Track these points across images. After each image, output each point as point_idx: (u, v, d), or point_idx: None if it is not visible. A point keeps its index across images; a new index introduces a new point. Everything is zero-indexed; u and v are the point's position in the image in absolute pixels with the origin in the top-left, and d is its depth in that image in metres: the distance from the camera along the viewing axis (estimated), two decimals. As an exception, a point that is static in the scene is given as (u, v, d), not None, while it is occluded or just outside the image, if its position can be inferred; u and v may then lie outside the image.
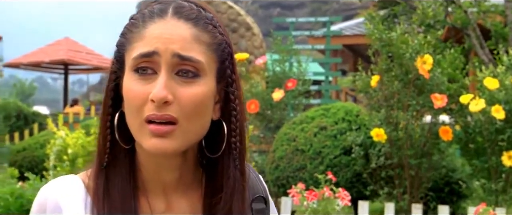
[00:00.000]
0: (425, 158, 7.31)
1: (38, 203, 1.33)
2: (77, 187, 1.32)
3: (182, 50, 1.23)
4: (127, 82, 1.25)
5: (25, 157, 10.36)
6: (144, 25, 1.26)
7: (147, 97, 1.21)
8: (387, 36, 6.97)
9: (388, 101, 7.29)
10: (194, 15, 1.27)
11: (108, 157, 1.31)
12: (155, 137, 1.21)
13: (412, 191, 7.36)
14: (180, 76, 1.23)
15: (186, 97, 1.22)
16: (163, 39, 1.23)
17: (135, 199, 1.31)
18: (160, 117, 1.21)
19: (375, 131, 6.92)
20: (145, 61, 1.23)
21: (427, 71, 6.71)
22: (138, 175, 1.33)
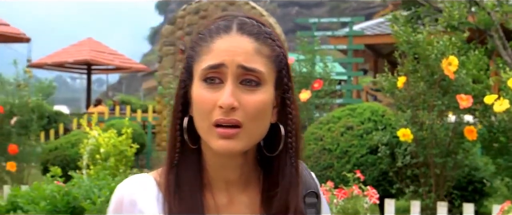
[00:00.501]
0: (449, 157, 7.47)
1: (116, 199, 1.51)
2: (149, 184, 1.50)
3: (246, 62, 1.39)
4: (197, 90, 1.42)
5: (57, 156, 10.45)
6: (212, 40, 1.43)
7: (216, 103, 1.38)
8: (414, 38, 7.14)
9: (413, 102, 7.45)
10: (255, 31, 1.44)
11: (178, 156, 1.49)
12: (222, 138, 1.38)
13: (437, 189, 7.52)
14: (244, 85, 1.40)
15: (250, 103, 1.39)
16: (229, 53, 1.40)
17: (202, 194, 1.48)
18: (227, 121, 1.37)
19: (401, 131, 7.08)
20: (213, 72, 1.40)
21: (452, 72, 6.86)
22: (204, 173, 1.49)
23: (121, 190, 1.51)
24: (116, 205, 1.50)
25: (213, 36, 1.43)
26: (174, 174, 1.48)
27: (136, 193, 1.48)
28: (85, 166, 7.77)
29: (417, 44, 7.15)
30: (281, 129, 1.47)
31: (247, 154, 1.48)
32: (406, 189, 7.58)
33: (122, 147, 7.95)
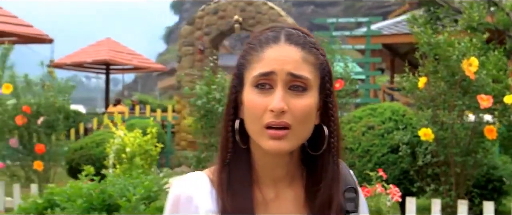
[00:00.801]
0: (469, 156, 7.55)
1: (174, 195, 1.64)
2: (204, 181, 1.64)
3: (294, 70, 1.52)
4: (249, 95, 1.55)
5: (82, 156, 10.56)
6: (262, 49, 1.56)
7: (267, 107, 1.51)
8: (435, 39, 7.24)
9: (434, 102, 7.55)
10: (302, 41, 1.58)
11: (229, 155, 1.63)
12: (272, 139, 1.51)
13: (458, 188, 7.61)
14: (292, 90, 1.53)
15: (298, 107, 1.52)
16: (279, 61, 1.53)
17: (251, 189, 1.61)
18: (277, 123, 1.50)
19: (422, 130, 7.18)
20: (264, 79, 1.53)
21: (473, 73, 6.96)
22: (253, 170, 1.63)
23: (178, 188, 1.65)
24: (173, 201, 1.64)
25: (263, 46, 1.57)
26: (226, 172, 1.61)
27: (192, 190, 1.62)
28: (111, 165, 7.90)
29: (438, 45, 7.25)
30: (324, 129, 1.60)
31: (292, 153, 1.61)
32: (426, 187, 7.69)
33: (147, 146, 8.08)
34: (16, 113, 9.01)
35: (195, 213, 1.60)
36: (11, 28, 13.27)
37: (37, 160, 8.97)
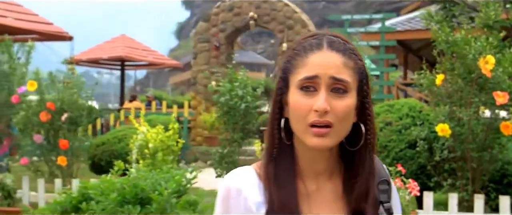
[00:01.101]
0: (485, 151, 7.70)
1: (224, 188, 1.81)
2: (251, 175, 1.80)
3: (336, 74, 1.68)
4: (294, 97, 1.71)
5: (104, 151, 10.77)
6: (306, 55, 1.72)
7: (311, 108, 1.67)
8: (452, 38, 7.39)
9: (451, 98, 7.70)
10: (342, 47, 1.74)
11: (276, 151, 1.79)
12: (316, 136, 1.67)
13: (474, 183, 7.76)
14: (334, 92, 1.68)
15: (339, 108, 1.68)
16: (322, 66, 1.69)
17: (295, 182, 1.77)
18: (321, 122, 1.67)
19: (440, 126, 7.33)
20: (309, 82, 1.69)
21: (489, 71, 7.11)
22: (296, 165, 1.79)
23: (228, 181, 1.81)
24: (224, 194, 1.80)
25: (307, 52, 1.73)
26: (272, 166, 1.77)
27: (241, 182, 1.79)
28: (134, 160, 8.08)
29: (455, 43, 7.39)
30: (361, 127, 1.77)
31: (332, 149, 1.77)
32: (443, 182, 7.84)
33: (169, 142, 8.25)
34: (40, 110, 9.21)
35: (244, 204, 1.76)
36: (33, 26, 13.47)
37: (61, 155, 9.17)
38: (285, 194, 1.73)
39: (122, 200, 4.36)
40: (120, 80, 24.63)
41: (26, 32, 12.97)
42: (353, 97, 1.71)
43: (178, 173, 4.82)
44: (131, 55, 22.76)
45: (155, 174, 4.78)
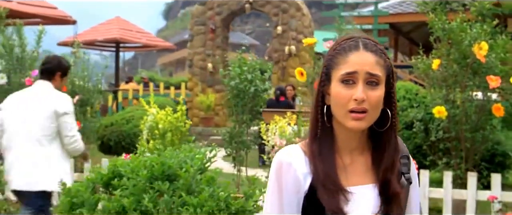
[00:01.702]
0: (478, 132, 8.18)
1: (277, 162, 2.23)
2: (299, 151, 2.23)
3: (370, 70, 2.11)
4: (336, 88, 2.13)
5: (113, 132, 11.10)
6: (346, 54, 2.14)
7: (350, 97, 2.09)
8: (448, 25, 7.86)
9: (446, 82, 8.17)
10: (374, 48, 2.16)
11: (319, 132, 2.22)
12: (354, 120, 2.10)
13: (467, 162, 8.24)
14: (369, 85, 2.11)
15: (373, 97, 2.11)
16: (360, 64, 2.11)
17: (334, 156, 2.20)
18: (359, 108, 2.09)
19: (437, 108, 7.79)
20: (349, 76, 2.11)
21: (483, 56, 7.58)
22: (335, 143, 2.22)
23: (280, 156, 2.24)
24: (277, 166, 2.23)
25: (347, 52, 2.15)
26: (316, 144, 2.20)
27: (291, 158, 2.21)
28: (145, 140, 8.49)
29: (451, 30, 7.86)
30: (388, 112, 2.20)
31: (364, 130, 2.20)
32: (438, 161, 8.33)
33: (178, 123, 8.66)
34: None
35: (294, 174, 2.18)
36: (37, 10, 13.83)
37: (73, 136, 9.55)
38: (327, 167, 2.15)
39: (151, 176, 4.77)
40: (115, 62, 24.91)
41: (30, 16, 13.31)
42: (382, 89, 2.13)
43: (200, 151, 5.23)
44: (126, 37, 23.11)
45: (180, 153, 5.18)
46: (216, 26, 18.34)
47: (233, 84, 8.20)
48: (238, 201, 4.63)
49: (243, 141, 8.43)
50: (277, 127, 7.79)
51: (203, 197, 4.50)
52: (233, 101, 8.38)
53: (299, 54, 17.32)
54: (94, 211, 4.72)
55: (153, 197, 4.55)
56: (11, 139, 6.28)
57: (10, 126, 6.30)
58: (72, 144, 6.44)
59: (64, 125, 6.32)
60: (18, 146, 6.24)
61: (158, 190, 4.64)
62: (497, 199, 7.51)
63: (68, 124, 6.38)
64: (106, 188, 5.04)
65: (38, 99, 6.32)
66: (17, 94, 6.56)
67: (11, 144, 6.29)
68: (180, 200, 4.52)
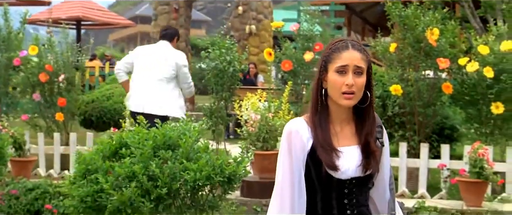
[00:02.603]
0: (429, 108, 9.10)
1: (288, 130, 3.01)
2: (303, 122, 3.02)
3: (357, 63, 2.92)
4: (332, 76, 2.92)
5: (94, 108, 11.72)
6: (340, 52, 2.92)
7: (343, 83, 2.88)
8: (404, 13, 8.78)
9: (402, 63, 9.09)
10: (360, 48, 2.96)
11: (318, 108, 3.02)
12: (346, 99, 2.91)
13: (420, 134, 9.15)
14: (356, 74, 2.91)
15: (359, 83, 2.91)
16: (350, 59, 2.91)
17: (328, 126, 3.01)
18: (349, 91, 2.90)
19: (393, 86, 8.67)
20: (342, 68, 2.91)
21: (434, 41, 8.51)
22: (330, 116, 3.02)
23: (290, 126, 3.03)
24: (288, 133, 3.01)
25: (340, 50, 2.94)
26: (316, 117, 3.01)
27: (298, 126, 3.01)
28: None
29: (407, 17, 8.77)
30: (368, 94, 3.02)
31: (350, 107, 3.03)
32: (395, 133, 9.23)
33: None
34: (39, 71, 10.28)
35: (300, 139, 2.96)
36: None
37: (58, 112, 10.28)
38: (324, 133, 2.96)
39: (155, 146, 5.55)
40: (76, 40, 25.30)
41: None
42: (364, 77, 2.94)
43: (195, 125, 6.03)
44: (88, 15, 23.58)
45: (179, 126, 5.97)
46: (179, 6, 18.96)
47: (213, 65, 9.04)
48: (231, 166, 5.38)
49: (222, 116, 9.29)
50: (249, 103, 8.54)
51: (201, 163, 5.27)
52: (213, 80, 9.21)
53: (259, 33, 18.04)
54: (107, 176, 5.39)
55: (158, 164, 5.31)
56: (139, 76, 8.67)
57: (139, 65, 8.70)
58: (189, 89, 8.87)
59: (183, 74, 8.70)
60: (145, 81, 8.59)
61: (162, 157, 5.39)
62: (446, 167, 8.52)
63: (186, 74, 8.75)
64: (113, 157, 5.78)
65: (163, 52, 8.70)
66: (146, 47, 9.42)
67: (138, 79, 8.66)
68: (181, 166, 5.25)
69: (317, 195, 2.98)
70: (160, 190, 5.17)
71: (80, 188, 5.41)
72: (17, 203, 8.46)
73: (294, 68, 9.88)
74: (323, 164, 2.92)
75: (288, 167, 2.95)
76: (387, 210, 3.15)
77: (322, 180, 2.95)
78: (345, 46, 2.94)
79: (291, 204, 2.92)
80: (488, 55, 8.55)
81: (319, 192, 2.98)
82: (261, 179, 8.06)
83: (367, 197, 3.08)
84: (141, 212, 5.22)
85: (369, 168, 2.96)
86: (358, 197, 3.01)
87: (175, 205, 5.46)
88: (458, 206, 7.70)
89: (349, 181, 2.96)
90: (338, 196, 2.97)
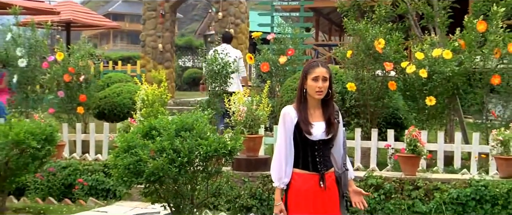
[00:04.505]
0: (379, 101, 11.27)
1: (284, 113, 5.04)
2: (292, 108, 5.10)
3: (324, 75, 4.92)
4: (310, 82, 4.95)
5: (107, 103, 13.66)
6: (314, 68, 5.00)
7: (316, 86, 4.94)
8: (357, 27, 11.08)
9: (356, 65, 11.31)
10: (325, 66, 5.11)
11: (302, 99, 5.12)
12: (318, 95, 5.02)
13: (372, 122, 11.35)
14: (323, 80, 5.02)
15: (325, 86, 4.97)
16: (320, 72, 4.91)
17: (307, 110, 5.09)
18: (319, 90, 4.95)
19: (349, 84, 10.89)
20: (315, 78, 5.00)
21: (381, 49, 10.77)
22: (307, 104, 5.12)
23: (285, 110, 5.11)
24: (283, 114, 5.09)
25: (314, 67, 5.04)
26: (301, 105, 5.10)
27: (289, 110, 5.05)
28: (139, 108, 11.21)
29: (359, 30, 11.06)
30: (330, 91, 5.15)
31: (320, 99, 5.12)
32: (352, 121, 11.40)
33: (162, 96, 11.48)
34: (63, 72, 12.44)
35: (291, 118, 4.97)
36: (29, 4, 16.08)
37: (79, 106, 12.45)
38: (304, 114, 4.99)
39: (176, 129, 7.62)
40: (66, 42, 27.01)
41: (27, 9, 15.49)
42: (328, 82, 5.03)
43: (204, 114, 8.18)
44: (78, 18, 25.33)
45: (192, 114, 8.10)
46: (165, 12, 20.84)
47: (210, 68, 11.30)
48: (231, 143, 7.47)
49: (216, 108, 11.52)
50: (237, 98, 10.60)
51: (210, 140, 7.24)
52: (210, 80, 11.46)
53: (237, 36, 19.80)
54: (144, 150, 7.31)
55: (180, 141, 7.21)
56: None
57: None
58: (243, 74, 13.30)
59: (241, 64, 13.05)
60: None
61: (182, 136, 7.32)
62: (390, 147, 10.52)
63: (242, 64, 13.11)
64: (145, 137, 7.80)
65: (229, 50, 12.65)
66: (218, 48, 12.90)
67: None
68: (196, 142, 7.22)
69: (300, 150, 4.86)
70: (182, 159, 7.08)
71: (125, 159, 7.24)
72: (54, 178, 10.53)
73: (271, 69, 12.08)
74: (303, 131, 4.79)
75: (283, 134, 4.87)
76: (341, 160, 5.04)
77: (302, 141, 4.83)
78: (317, 65, 4.90)
79: (285, 155, 4.84)
80: (423, 59, 10.60)
81: (301, 148, 4.84)
82: (248, 157, 10.06)
83: (329, 152, 4.95)
84: (168, 175, 7.16)
85: (330, 133, 4.85)
86: (324, 152, 4.88)
87: (192, 170, 7.43)
88: (398, 175, 9.56)
89: (318, 141, 4.84)
90: (312, 150, 4.85)
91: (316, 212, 4.86)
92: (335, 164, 5.03)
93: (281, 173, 4.88)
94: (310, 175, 4.88)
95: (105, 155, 11.69)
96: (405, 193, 9.30)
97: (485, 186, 8.95)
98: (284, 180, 4.89)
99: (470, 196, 8.96)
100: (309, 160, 4.88)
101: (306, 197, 4.86)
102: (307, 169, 4.89)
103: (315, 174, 4.88)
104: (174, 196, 7.59)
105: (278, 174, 4.90)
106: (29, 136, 8.40)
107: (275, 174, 4.92)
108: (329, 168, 4.97)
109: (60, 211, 9.35)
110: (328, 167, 4.95)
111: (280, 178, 4.90)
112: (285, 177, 4.89)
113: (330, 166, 4.98)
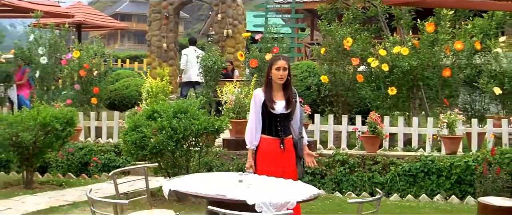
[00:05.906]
0: (349, 91, 13.08)
1: (254, 94, 6.60)
2: (260, 90, 6.69)
3: (284, 66, 6.32)
4: (274, 71, 6.42)
5: (117, 94, 15.56)
6: (277, 61, 6.55)
7: (279, 73, 6.52)
8: (329, 28, 12.93)
9: (330, 61, 13.16)
10: (286, 59, 6.80)
11: (268, 84, 6.76)
12: (280, 81, 6.53)
13: (344, 109, 13.12)
14: (283, 70, 6.55)
15: (285, 74, 6.47)
16: (281, 64, 6.41)
17: (272, 92, 6.71)
18: (281, 77, 6.50)
19: (323, 77, 12.77)
20: (278, 68, 6.56)
21: (348, 46, 12.56)
22: (272, 87, 6.71)
23: (255, 92, 6.71)
24: (254, 95, 6.60)
25: (277, 60, 6.62)
26: (268, 88, 6.64)
27: (259, 92, 6.40)
28: (144, 98, 13.02)
29: (331, 31, 12.88)
30: (288, 78, 6.84)
31: (281, 84, 6.77)
32: (326, 109, 13.18)
33: (165, 88, 13.28)
34: (79, 68, 14.31)
35: (259, 98, 6.38)
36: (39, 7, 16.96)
37: (93, 97, 14.32)
38: (269, 95, 6.45)
39: (173, 111, 9.39)
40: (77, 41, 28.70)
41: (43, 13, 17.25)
42: (287, 71, 6.65)
43: (197, 100, 10.02)
44: (89, 20, 27.00)
45: (188, 99, 9.94)
46: (169, 14, 22.51)
47: (205, 64, 13.19)
48: (218, 123, 9.25)
49: (209, 97, 13.40)
50: (228, 89, 12.39)
51: (202, 120, 8.98)
52: (205, 73, 13.36)
53: (235, 36, 21.45)
54: (148, 128, 9.11)
55: (177, 121, 8.94)
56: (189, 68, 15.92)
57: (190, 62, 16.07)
58: None
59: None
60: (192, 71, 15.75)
61: (179, 117, 9.04)
62: (358, 130, 12.20)
63: None
64: (148, 118, 9.60)
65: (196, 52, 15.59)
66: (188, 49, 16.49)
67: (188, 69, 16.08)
68: (190, 122, 8.95)
69: (266, 121, 6.11)
70: (178, 135, 8.80)
71: (132, 136, 8.97)
72: (72, 157, 12.31)
73: (259, 65, 13.88)
74: (268, 107, 6.06)
75: (254, 109, 6.17)
76: (298, 130, 6.30)
77: (268, 114, 6.08)
78: (279, 58, 6.23)
79: (255, 125, 6.12)
80: (385, 55, 12.35)
81: (267, 119, 6.10)
82: (236, 138, 11.81)
83: (289, 123, 6.19)
84: (167, 148, 8.87)
85: (288, 109, 6.11)
86: (284, 122, 6.14)
87: (186, 144, 9.14)
88: (362, 153, 11.31)
89: (280, 114, 6.09)
90: (275, 121, 6.10)
91: (277, 167, 6.11)
92: (293, 132, 6.33)
93: (252, 138, 6.22)
94: (273, 139, 6.19)
95: (115, 138, 13.45)
96: (366, 167, 10.98)
97: (432, 161, 10.65)
98: (254, 143, 6.23)
99: (420, 169, 10.66)
100: (272, 128, 6.22)
101: (270, 156, 6.16)
102: (271, 135, 6.21)
103: (277, 138, 6.19)
104: (172, 166, 9.25)
105: (250, 139, 6.24)
106: (54, 119, 10.05)
107: (248, 138, 6.24)
108: (288, 135, 6.26)
109: (79, 183, 10.99)
110: (287, 134, 6.24)
111: (251, 141, 6.24)
112: (255, 140, 6.22)
113: (289, 133, 6.27)
